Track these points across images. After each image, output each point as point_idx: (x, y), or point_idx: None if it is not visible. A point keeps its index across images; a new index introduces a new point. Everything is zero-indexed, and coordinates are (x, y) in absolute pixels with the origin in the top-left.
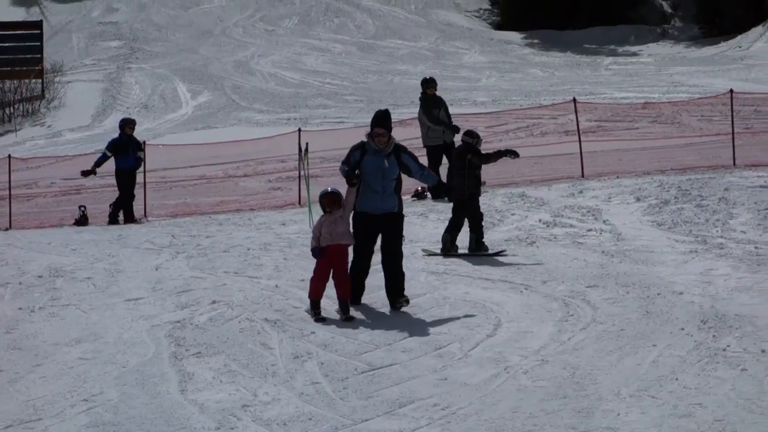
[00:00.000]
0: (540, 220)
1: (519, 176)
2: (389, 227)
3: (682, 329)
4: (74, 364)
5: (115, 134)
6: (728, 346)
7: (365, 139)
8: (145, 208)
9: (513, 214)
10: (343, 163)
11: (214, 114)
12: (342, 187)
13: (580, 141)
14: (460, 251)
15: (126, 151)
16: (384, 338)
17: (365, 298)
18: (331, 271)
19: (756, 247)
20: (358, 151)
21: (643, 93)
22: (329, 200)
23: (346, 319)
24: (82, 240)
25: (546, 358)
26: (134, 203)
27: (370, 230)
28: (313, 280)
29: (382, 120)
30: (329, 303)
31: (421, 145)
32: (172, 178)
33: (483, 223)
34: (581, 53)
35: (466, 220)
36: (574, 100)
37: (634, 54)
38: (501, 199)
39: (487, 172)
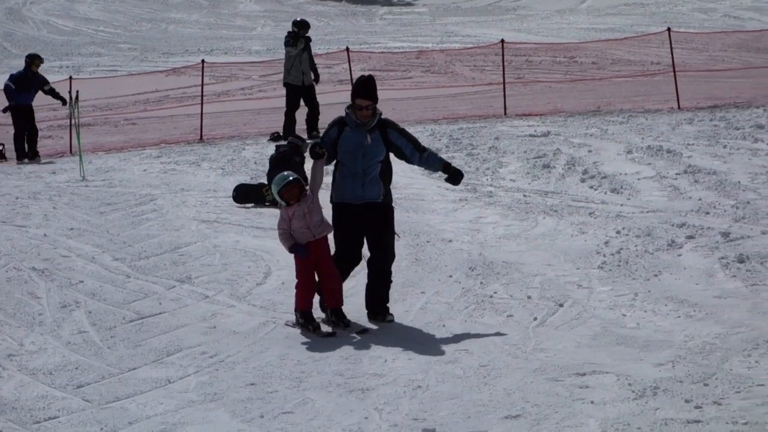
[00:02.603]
0: None
1: None
2: (374, 221)
3: (451, 276)
4: None
5: None
6: (495, 292)
7: (346, 111)
8: None
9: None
10: (321, 140)
11: None
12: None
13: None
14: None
15: (29, 87)
16: (152, 288)
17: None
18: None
19: (524, 195)
20: (335, 127)
21: (417, 43)
22: (291, 193)
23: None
24: None
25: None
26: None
27: (353, 226)
28: (299, 287)
29: (364, 88)
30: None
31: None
32: None
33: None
34: (357, 3)
35: None
36: (347, 49)
37: (409, 4)
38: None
39: (261, 122)
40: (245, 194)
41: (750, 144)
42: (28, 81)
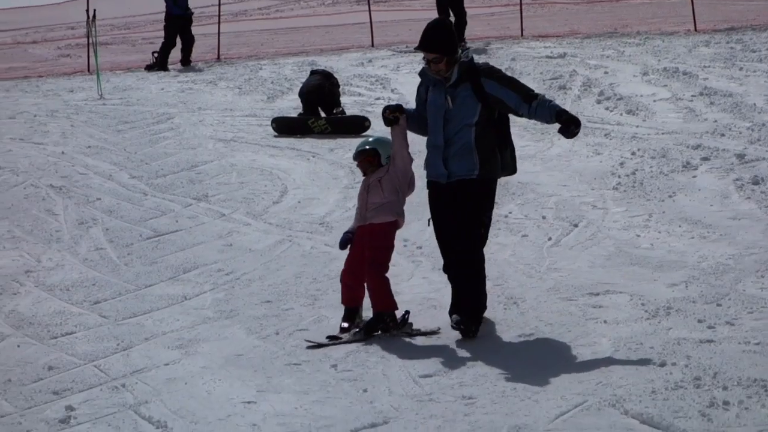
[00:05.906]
0: None
1: (309, 45)
2: (464, 201)
3: None
4: None
5: None
6: (510, 212)
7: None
8: None
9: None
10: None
11: None
12: None
13: (370, 11)
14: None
15: None
16: (169, 205)
17: None
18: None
19: None
20: (421, 81)
21: None
22: (361, 162)
23: (339, 334)
24: None
25: (331, 224)
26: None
27: (444, 209)
28: (342, 277)
29: (425, 37)
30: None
31: None
32: None
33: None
34: None
35: None
36: None
37: None
38: (291, 67)
39: (278, 42)
40: (287, 126)
41: (766, 66)
42: None
